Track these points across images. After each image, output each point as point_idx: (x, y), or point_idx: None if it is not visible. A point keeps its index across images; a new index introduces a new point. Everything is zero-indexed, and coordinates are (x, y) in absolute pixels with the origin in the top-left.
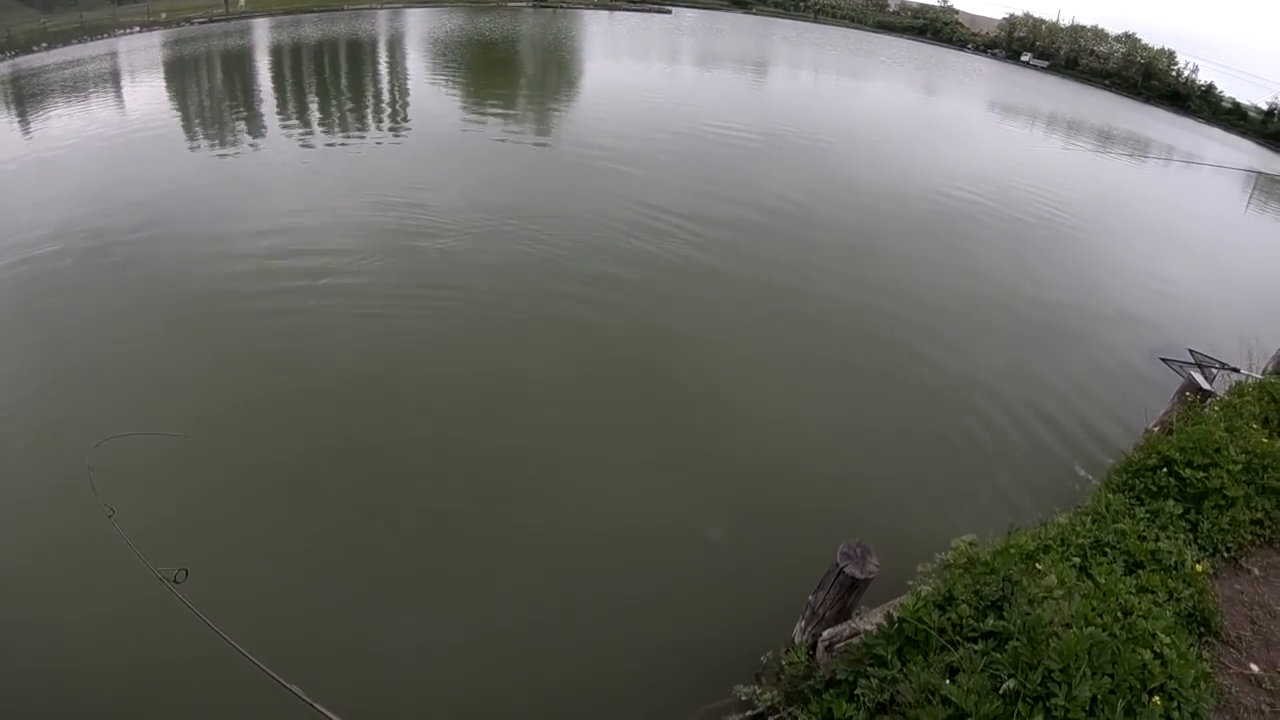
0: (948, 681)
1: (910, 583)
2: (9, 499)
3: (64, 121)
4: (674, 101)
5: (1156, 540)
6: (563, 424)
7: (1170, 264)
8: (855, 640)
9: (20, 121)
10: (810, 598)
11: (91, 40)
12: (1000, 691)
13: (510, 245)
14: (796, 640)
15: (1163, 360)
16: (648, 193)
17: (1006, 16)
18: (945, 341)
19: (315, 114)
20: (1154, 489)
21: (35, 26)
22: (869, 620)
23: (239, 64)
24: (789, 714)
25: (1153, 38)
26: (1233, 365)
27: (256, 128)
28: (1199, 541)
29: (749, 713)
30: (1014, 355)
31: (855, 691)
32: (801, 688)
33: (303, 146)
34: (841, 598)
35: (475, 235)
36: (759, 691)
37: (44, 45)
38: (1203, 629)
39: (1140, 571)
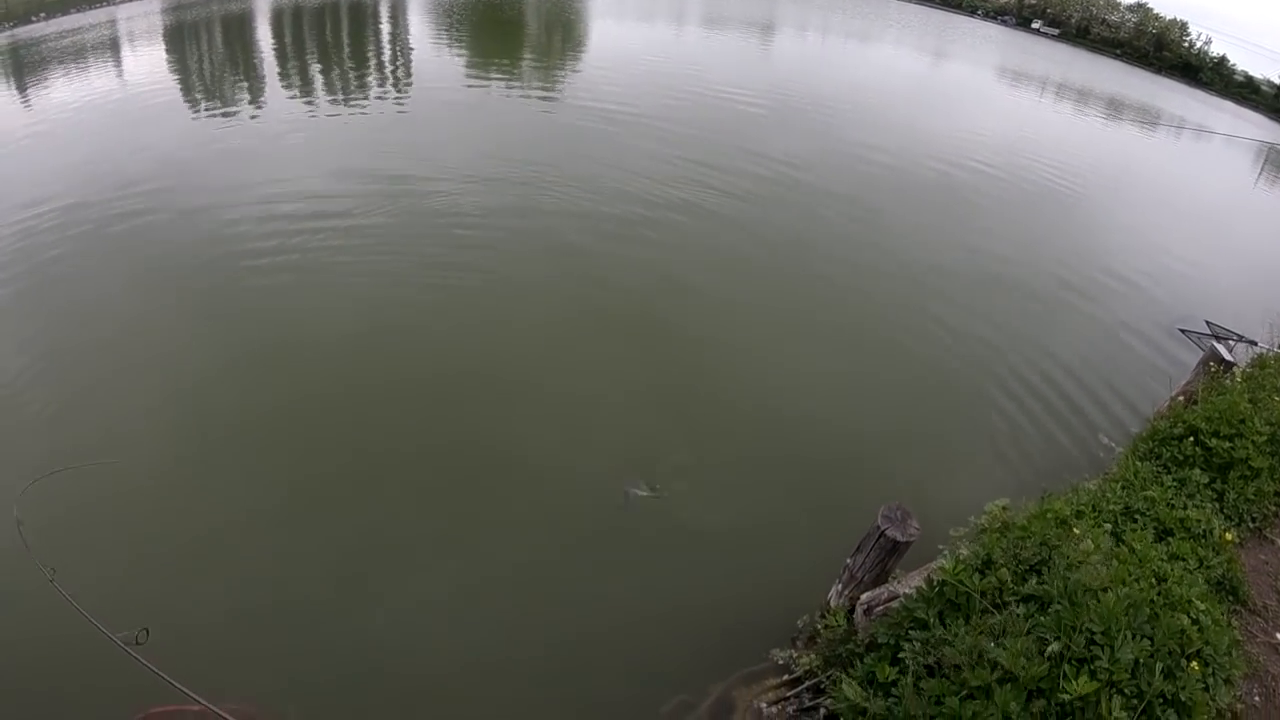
0: (993, 644)
1: (941, 546)
2: None
3: (64, 91)
4: (680, 63)
5: (1185, 508)
6: (579, 382)
7: (1182, 235)
8: (894, 604)
9: (20, 92)
10: (848, 560)
11: (90, 9)
12: (1045, 654)
13: (515, 205)
14: (833, 604)
15: (1181, 331)
16: (654, 155)
17: None
18: (961, 307)
19: (318, 78)
20: (1180, 458)
21: None
22: (907, 584)
23: (239, 29)
24: (829, 677)
25: (1165, 8)
26: (1251, 338)
27: (258, 93)
28: (1225, 511)
29: (786, 676)
30: (1029, 323)
31: (899, 655)
32: (840, 651)
33: (306, 111)
34: (881, 561)
35: (480, 196)
36: (796, 655)
37: (42, 15)
38: (1231, 597)
39: (1170, 539)
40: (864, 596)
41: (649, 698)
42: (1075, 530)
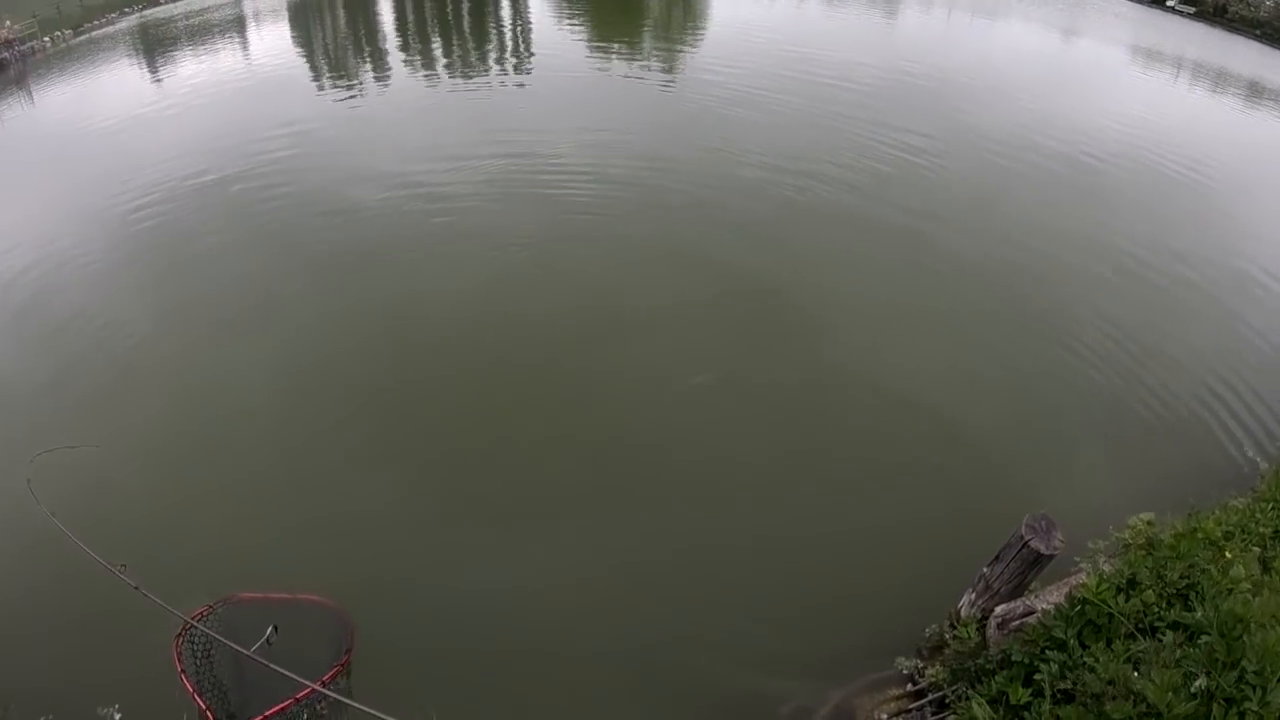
0: (1136, 674)
1: (1078, 559)
2: None
3: (193, 68)
4: (800, 40)
5: None
6: (694, 365)
7: None
8: (1031, 619)
9: (152, 71)
10: (984, 570)
11: None
12: (1192, 690)
13: (631, 184)
14: (964, 614)
15: None
16: (771, 135)
17: None
18: (1096, 304)
19: (439, 54)
20: None
21: None
22: (1044, 599)
23: (362, 5)
24: (955, 692)
25: None
26: None
27: (382, 68)
28: None
29: (910, 687)
30: (1169, 323)
31: (1034, 676)
32: (969, 665)
33: (428, 86)
34: (1021, 573)
35: (597, 173)
36: (922, 666)
37: None
38: None
39: None
40: (999, 609)
41: (766, 701)
42: (1227, 554)
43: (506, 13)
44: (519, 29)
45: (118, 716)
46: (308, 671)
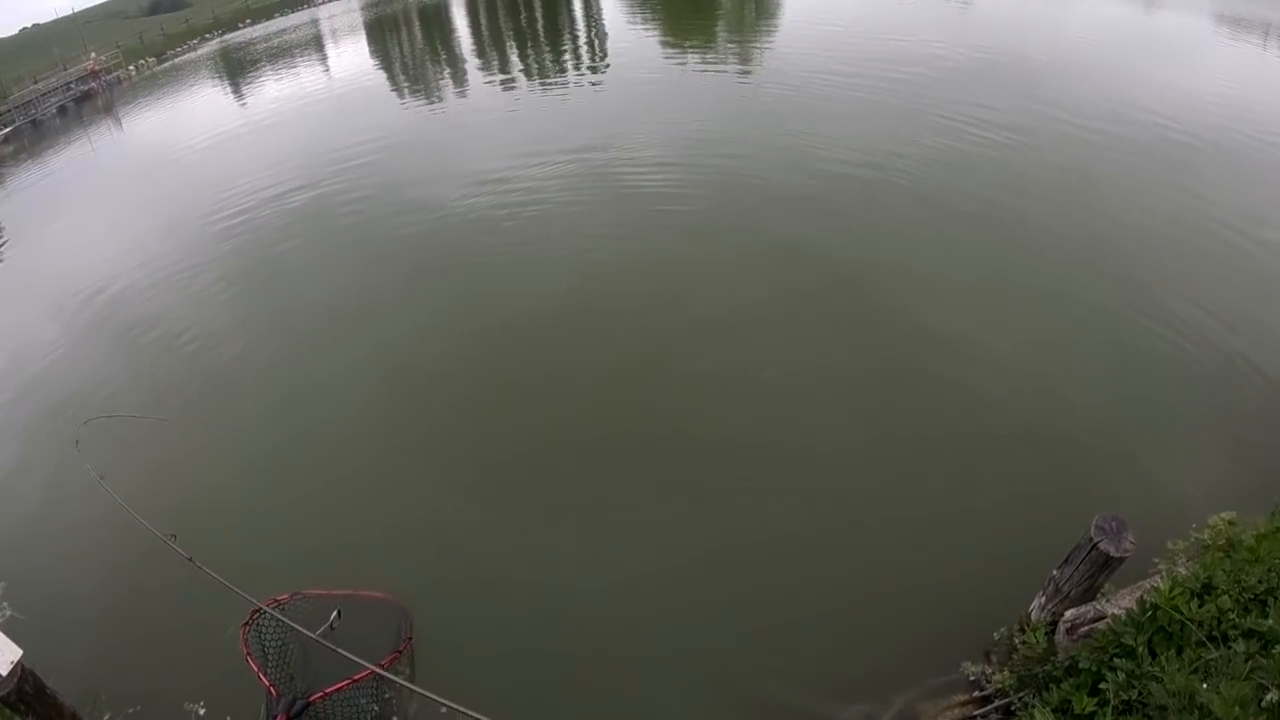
0: (1204, 685)
1: (1156, 560)
2: None
3: (274, 87)
4: (874, 27)
5: None
6: (773, 369)
7: None
8: (1100, 625)
9: (235, 91)
10: (1054, 572)
11: (293, 12)
12: (1263, 704)
13: (717, 179)
14: (1033, 618)
15: None
16: (851, 122)
17: None
18: (1184, 287)
19: (515, 61)
20: None
21: (239, 5)
22: (1115, 603)
23: (437, 18)
24: (1021, 699)
25: None
26: None
27: (459, 78)
28: None
29: (976, 693)
30: (1264, 307)
31: (1099, 684)
32: (1037, 672)
33: (504, 93)
34: (1091, 576)
35: (678, 169)
36: (989, 671)
37: (248, 21)
38: None
39: None
40: (1068, 613)
41: (828, 703)
42: None
43: (580, 16)
44: (593, 32)
45: (201, 712)
46: (368, 659)
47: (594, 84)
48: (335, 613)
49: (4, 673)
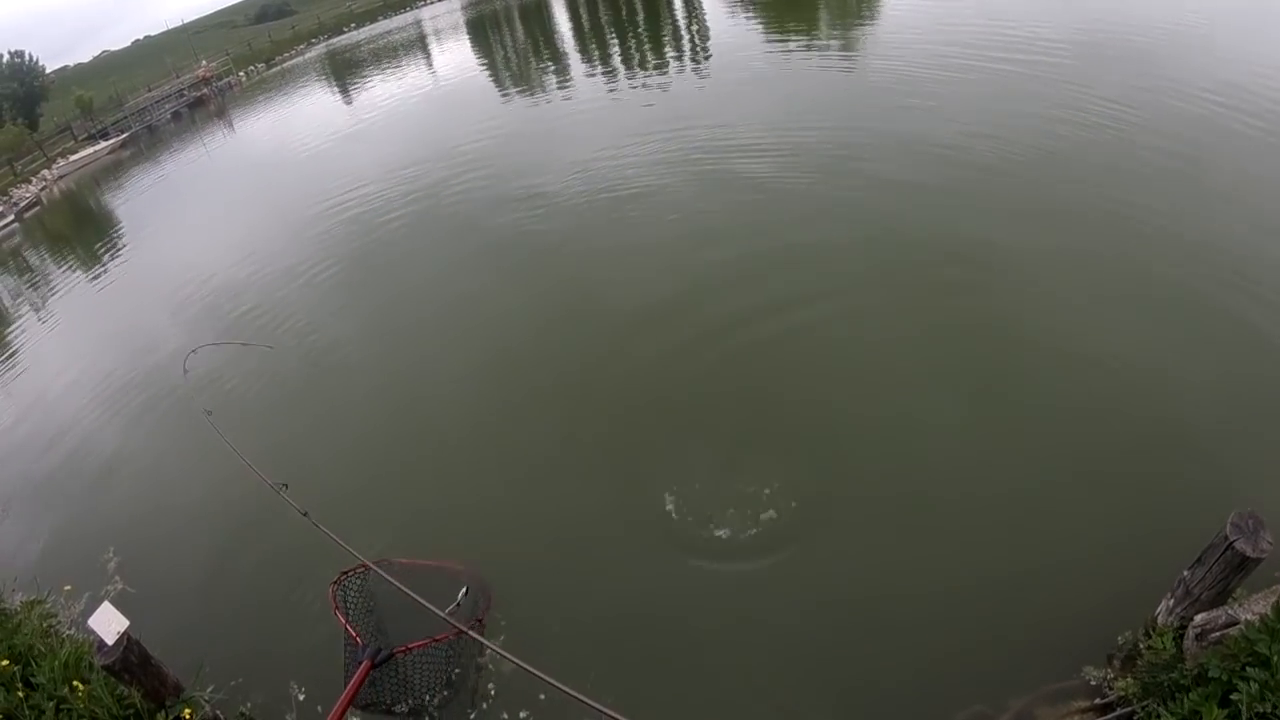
0: None
1: None
2: None
3: (380, 87)
4: (978, 14)
5: None
6: (879, 371)
7: None
8: (1233, 631)
9: (341, 93)
10: (1185, 573)
11: (395, 14)
12: None
13: (824, 175)
14: (1160, 622)
15: None
16: (960, 112)
17: None
18: None
19: (616, 55)
20: None
21: (344, 10)
22: (1249, 608)
23: (538, 16)
24: (1144, 709)
25: None
26: None
27: (562, 73)
28: None
29: (1097, 700)
30: None
31: (1230, 695)
32: (1162, 679)
33: (608, 88)
34: (1224, 577)
35: (784, 161)
36: (1111, 677)
37: (352, 25)
38: None
39: None
40: (1199, 618)
41: (940, 702)
42: None
43: (680, 11)
44: (694, 26)
45: (301, 696)
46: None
47: (696, 73)
48: (464, 590)
49: (110, 642)
